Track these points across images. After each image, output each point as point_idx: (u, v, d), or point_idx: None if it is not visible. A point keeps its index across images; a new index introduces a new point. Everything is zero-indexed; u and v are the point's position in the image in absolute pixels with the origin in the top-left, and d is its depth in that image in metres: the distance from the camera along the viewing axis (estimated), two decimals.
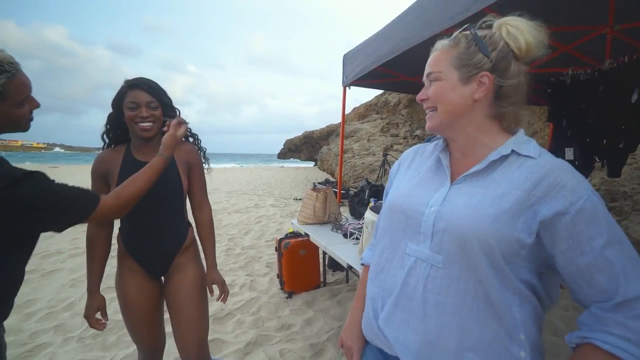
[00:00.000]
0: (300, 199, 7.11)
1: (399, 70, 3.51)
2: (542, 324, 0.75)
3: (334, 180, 9.13)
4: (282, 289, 3.09)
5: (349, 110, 14.72)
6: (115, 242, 1.46)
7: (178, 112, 1.41)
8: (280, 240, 3.09)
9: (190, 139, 1.52)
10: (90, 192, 1.01)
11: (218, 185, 12.09)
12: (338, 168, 4.49)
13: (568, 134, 2.73)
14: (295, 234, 3.17)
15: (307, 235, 2.72)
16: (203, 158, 1.52)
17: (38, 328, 2.46)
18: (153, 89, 1.32)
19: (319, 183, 8.89)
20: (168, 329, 1.55)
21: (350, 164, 8.78)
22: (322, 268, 3.23)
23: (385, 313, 0.80)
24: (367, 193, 3.18)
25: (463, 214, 0.72)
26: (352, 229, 2.46)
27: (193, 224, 1.55)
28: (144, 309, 1.43)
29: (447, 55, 0.79)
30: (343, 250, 2.15)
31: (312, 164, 24.37)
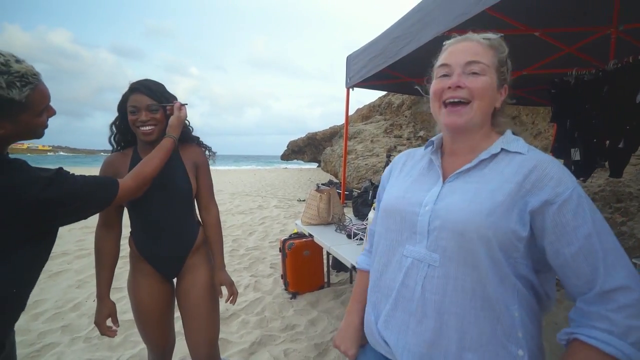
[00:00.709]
0: (304, 200, 7.10)
1: (402, 72, 3.51)
2: (540, 323, 0.75)
3: (338, 181, 9.12)
4: (286, 290, 3.10)
5: (352, 112, 14.72)
6: (127, 245, 1.46)
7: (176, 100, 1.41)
8: (284, 241, 3.10)
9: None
10: (109, 178, 1.10)
11: (222, 187, 12.14)
12: (342, 169, 4.50)
13: (575, 135, 2.72)
14: (299, 235, 3.18)
15: (311, 236, 2.73)
16: (209, 152, 1.53)
17: (46, 328, 2.49)
18: (153, 92, 1.31)
19: (323, 184, 8.87)
20: (177, 328, 1.58)
21: (354, 165, 8.78)
22: (326, 269, 3.25)
23: (385, 315, 0.81)
24: (370, 194, 3.18)
25: (458, 209, 0.72)
26: (355, 230, 2.46)
27: None
28: (157, 312, 1.44)
29: (488, 53, 0.77)
30: (347, 251, 2.16)
31: (315, 165, 24.36)
